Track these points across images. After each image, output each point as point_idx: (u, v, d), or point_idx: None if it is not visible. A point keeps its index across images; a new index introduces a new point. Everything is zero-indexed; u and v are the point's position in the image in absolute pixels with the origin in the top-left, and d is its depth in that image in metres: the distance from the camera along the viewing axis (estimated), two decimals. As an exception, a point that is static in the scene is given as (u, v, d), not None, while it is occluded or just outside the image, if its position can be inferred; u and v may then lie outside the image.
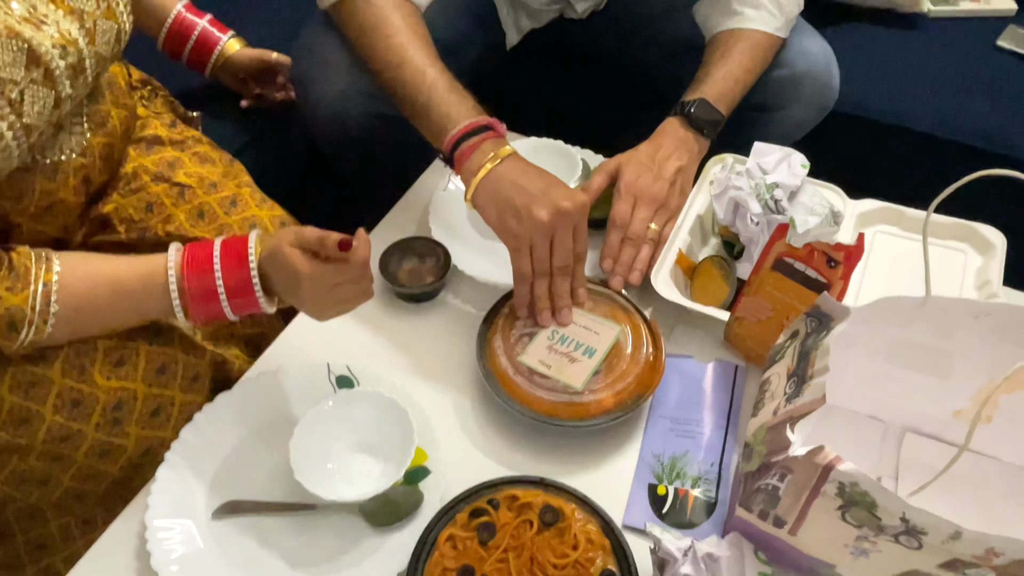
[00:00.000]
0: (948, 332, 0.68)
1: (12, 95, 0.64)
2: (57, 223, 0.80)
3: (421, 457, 0.74)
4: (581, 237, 0.81)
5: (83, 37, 0.70)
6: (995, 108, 1.23)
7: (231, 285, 0.72)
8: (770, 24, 1.01)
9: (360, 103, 0.99)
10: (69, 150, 0.76)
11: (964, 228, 0.92)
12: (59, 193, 0.76)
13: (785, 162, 0.88)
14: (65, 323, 0.69)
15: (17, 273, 0.67)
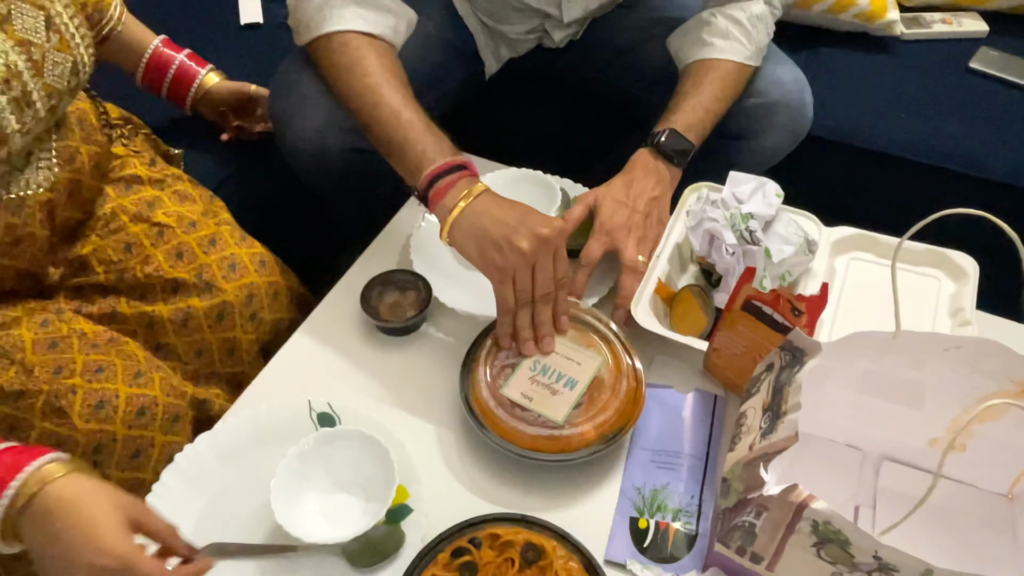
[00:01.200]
0: (920, 364, 0.69)
1: None
2: (25, 256, 0.79)
3: (403, 495, 0.75)
4: (561, 262, 0.81)
5: (29, 70, 0.70)
6: (968, 130, 1.24)
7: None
8: (740, 54, 1.03)
9: (339, 138, 0.99)
10: (36, 185, 0.76)
11: (937, 255, 0.93)
12: (26, 227, 0.76)
13: (760, 191, 0.90)
14: None
15: (13, 325, 0.64)
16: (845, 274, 0.94)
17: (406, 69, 1.06)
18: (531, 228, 0.78)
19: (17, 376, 0.75)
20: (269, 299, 0.93)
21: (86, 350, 0.79)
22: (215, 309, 0.88)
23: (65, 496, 0.58)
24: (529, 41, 1.20)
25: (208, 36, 1.27)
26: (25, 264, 0.80)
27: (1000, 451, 0.71)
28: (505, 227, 0.79)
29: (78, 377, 0.77)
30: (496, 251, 0.79)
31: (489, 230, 0.80)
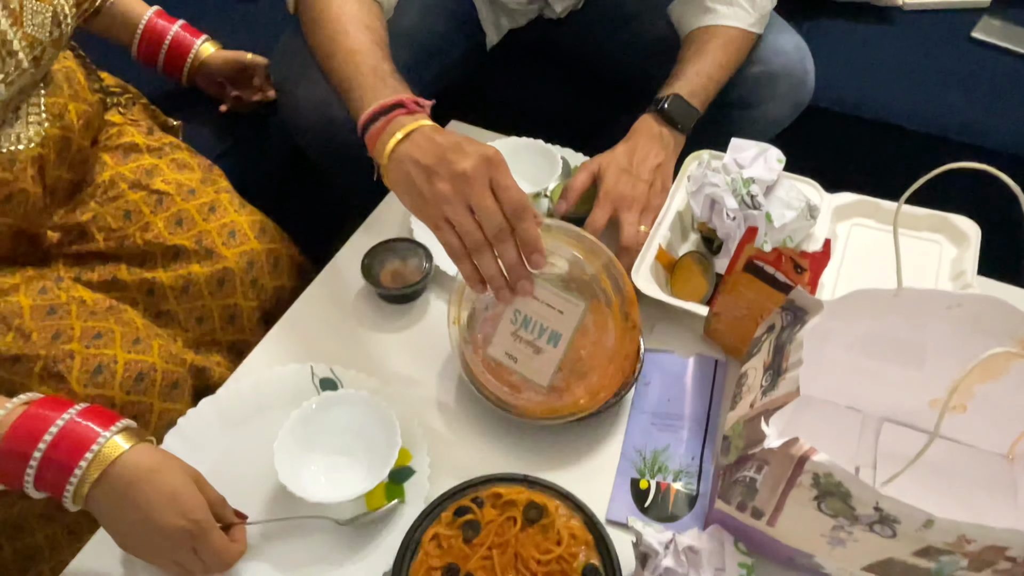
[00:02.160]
0: (921, 324, 0.69)
1: None
2: (18, 213, 0.78)
3: (405, 457, 0.75)
4: (507, 190, 0.68)
5: (7, 18, 0.68)
6: (970, 100, 1.24)
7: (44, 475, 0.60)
8: (743, 20, 1.02)
9: (344, 108, 0.99)
10: (27, 139, 0.75)
11: (939, 219, 0.93)
12: (17, 183, 0.75)
13: (761, 157, 0.89)
14: None
15: (11, 292, 0.65)
16: (847, 240, 0.94)
17: (410, 38, 1.05)
18: (468, 149, 0.68)
19: (15, 341, 0.75)
20: (270, 266, 0.93)
21: (84, 317, 0.79)
22: (216, 275, 0.88)
23: (144, 465, 0.61)
24: (530, 11, 1.19)
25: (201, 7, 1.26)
26: (19, 221, 0.79)
27: (1000, 411, 0.71)
28: (437, 150, 0.69)
29: (76, 343, 0.77)
30: (426, 181, 0.69)
31: (419, 159, 0.70)
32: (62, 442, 0.60)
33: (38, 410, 0.61)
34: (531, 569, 0.65)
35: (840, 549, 0.60)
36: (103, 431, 0.61)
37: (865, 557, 0.60)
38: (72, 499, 0.61)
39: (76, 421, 0.61)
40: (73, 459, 0.60)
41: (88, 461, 0.60)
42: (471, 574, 0.65)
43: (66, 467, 0.60)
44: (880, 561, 0.60)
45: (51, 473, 0.60)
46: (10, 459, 0.60)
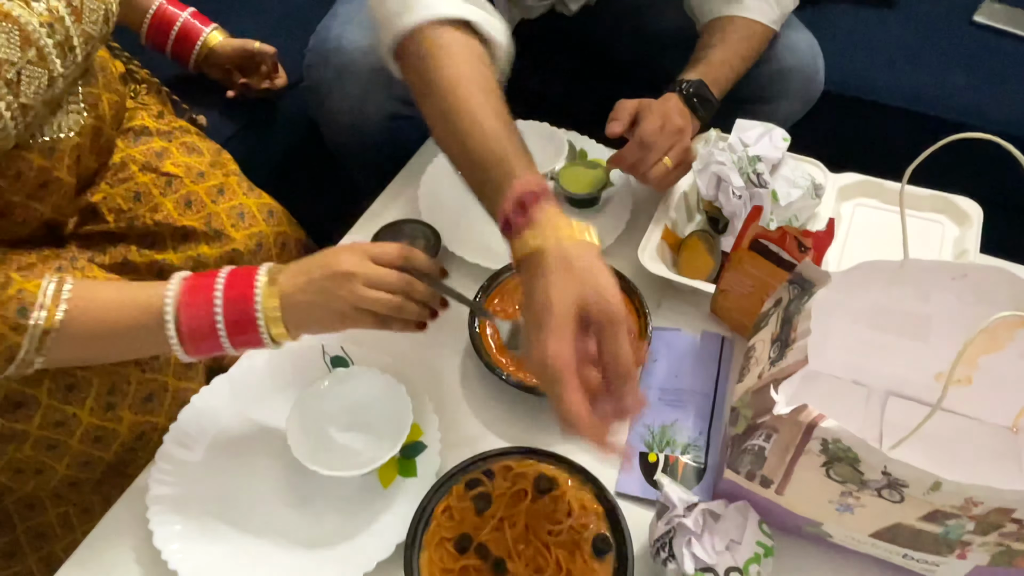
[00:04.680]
0: (926, 295, 0.70)
1: (9, 75, 0.65)
2: (51, 201, 0.79)
3: (417, 433, 0.76)
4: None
5: (69, 15, 0.70)
6: (972, 82, 1.25)
7: (233, 320, 0.66)
8: (767, 16, 1.03)
9: (378, 107, 1.00)
10: (68, 129, 0.77)
11: (941, 200, 0.93)
12: (54, 171, 0.77)
13: (767, 136, 0.90)
14: (73, 322, 0.65)
15: (32, 270, 0.67)
16: (851, 219, 0.95)
17: None
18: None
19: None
20: (278, 249, 0.94)
21: None
22: (225, 257, 0.89)
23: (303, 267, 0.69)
24: (542, 7, 1.19)
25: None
26: (49, 211, 0.81)
27: (1005, 384, 0.72)
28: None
29: None
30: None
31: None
32: (232, 283, 0.67)
33: (197, 279, 0.68)
34: (542, 539, 0.66)
35: (848, 516, 0.61)
36: (256, 272, 0.68)
37: (873, 523, 0.61)
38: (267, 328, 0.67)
39: (232, 274, 0.68)
40: (248, 290, 0.66)
41: (260, 289, 0.66)
42: (483, 544, 0.66)
43: (247, 295, 0.66)
44: (887, 527, 0.60)
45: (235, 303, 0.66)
46: (196, 315, 0.66)
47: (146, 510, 0.70)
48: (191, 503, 0.72)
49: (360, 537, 0.70)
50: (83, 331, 0.67)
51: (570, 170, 1.00)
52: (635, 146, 0.89)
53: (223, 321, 0.66)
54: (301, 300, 0.67)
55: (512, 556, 0.65)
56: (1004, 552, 0.58)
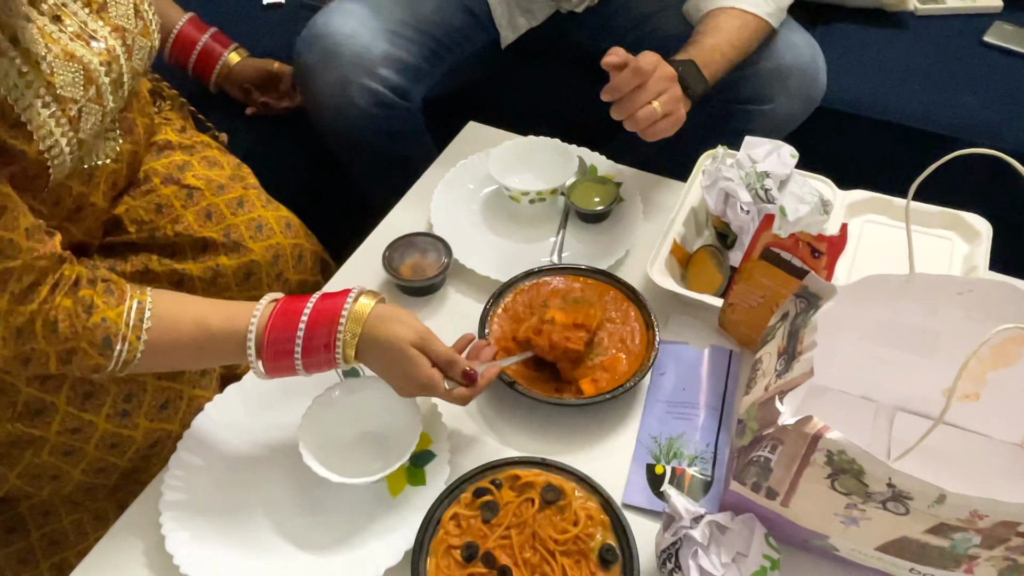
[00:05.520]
0: (933, 310, 0.70)
1: (72, 113, 0.69)
2: (85, 225, 0.83)
3: (426, 441, 0.77)
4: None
5: (124, 53, 0.75)
6: (982, 102, 1.25)
7: (310, 347, 0.70)
8: (761, 8, 1.04)
9: (362, 92, 1.03)
10: (105, 156, 0.80)
11: (950, 216, 0.94)
12: (90, 197, 0.80)
13: (775, 153, 0.91)
14: (154, 346, 0.70)
15: (114, 292, 0.69)
16: (859, 236, 0.95)
17: (429, 27, 1.07)
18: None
19: None
20: (294, 260, 0.96)
21: None
22: (243, 268, 0.91)
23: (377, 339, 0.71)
24: (546, 6, 1.21)
25: (232, 14, 1.30)
26: (82, 234, 0.84)
27: (1014, 400, 0.72)
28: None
29: None
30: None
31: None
32: (318, 315, 0.70)
33: (287, 303, 0.72)
34: (548, 548, 0.66)
35: (854, 528, 0.61)
36: (347, 298, 0.71)
37: (879, 536, 0.61)
38: (343, 354, 0.70)
39: (321, 299, 0.72)
40: (334, 322, 0.70)
41: (345, 318, 0.70)
42: (490, 552, 0.66)
43: (329, 329, 0.70)
44: (894, 540, 0.60)
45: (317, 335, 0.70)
46: (278, 339, 0.70)
47: (159, 515, 0.71)
48: (203, 509, 0.73)
49: (369, 544, 0.71)
50: (162, 356, 0.71)
51: (581, 185, 1.02)
52: (630, 73, 0.87)
53: (302, 336, 0.70)
54: (370, 365, 0.73)
55: (518, 565, 0.65)
56: (1011, 567, 0.58)
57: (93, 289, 0.69)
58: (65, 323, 0.67)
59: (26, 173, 0.69)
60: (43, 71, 0.67)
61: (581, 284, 0.89)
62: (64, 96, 0.68)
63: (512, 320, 0.86)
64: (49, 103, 0.67)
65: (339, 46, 1.02)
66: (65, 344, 0.67)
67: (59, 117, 0.68)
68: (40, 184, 0.71)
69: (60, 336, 0.67)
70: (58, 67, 0.68)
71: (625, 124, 0.91)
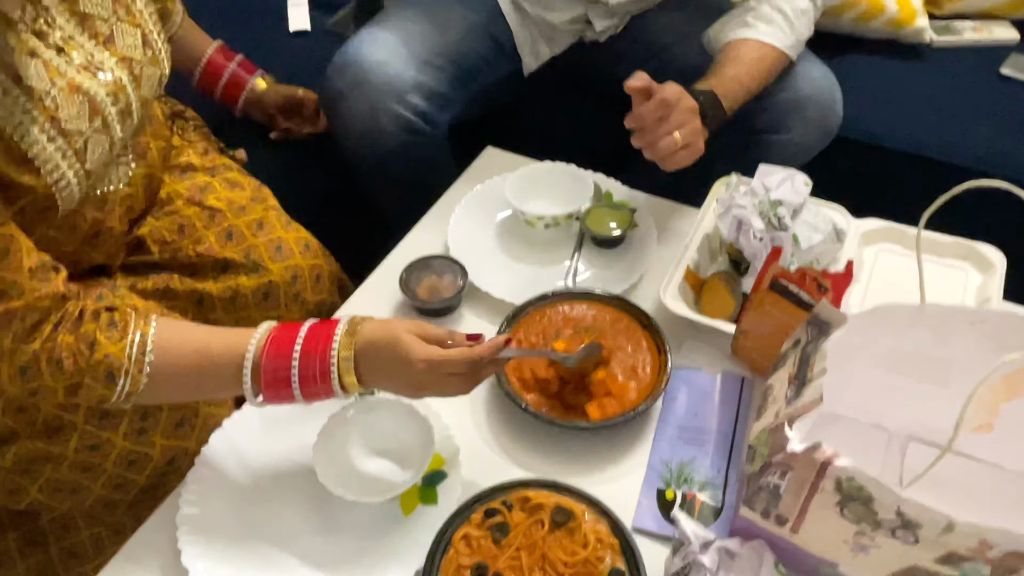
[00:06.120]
0: (945, 340, 0.70)
1: (78, 145, 0.71)
2: (103, 248, 0.85)
3: (438, 462, 0.78)
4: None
5: (131, 83, 0.77)
6: (999, 133, 1.25)
7: (306, 374, 0.70)
8: (781, 40, 1.06)
9: (390, 118, 1.05)
10: (117, 180, 0.82)
11: (964, 247, 0.94)
12: (107, 221, 0.82)
13: (789, 181, 0.92)
14: (156, 378, 0.70)
15: (117, 325, 0.70)
16: (873, 264, 0.96)
17: (456, 55, 1.10)
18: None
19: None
20: (312, 281, 0.98)
21: None
22: (262, 288, 0.93)
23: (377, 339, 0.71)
24: (570, 33, 1.24)
25: (259, 41, 1.34)
26: (101, 257, 0.87)
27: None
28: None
29: None
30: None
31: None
32: (312, 339, 0.70)
33: (282, 331, 0.72)
34: (558, 571, 0.67)
35: (863, 556, 0.61)
36: (335, 329, 0.71)
37: (889, 565, 0.61)
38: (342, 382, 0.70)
39: (313, 327, 0.72)
40: (327, 346, 0.70)
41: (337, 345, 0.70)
42: (499, 573, 0.67)
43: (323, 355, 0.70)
44: (904, 569, 0.60)
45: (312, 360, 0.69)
46: (275, 364, 0.70)
47: (175, 530, 0.73)
48: (218, 525, 0.74)
49: (380, 562, 0.71)
50: (165, 387, 0.71)
51: (596, 211, 1.03)
52: (655, 105, 0.89)
53: (297, 369, 0.69)
54: (375, 382, 0.72)
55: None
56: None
57: (96, 323, 0.69)
58: (69, 360, 0.67)
59: (36, 206, 0.70)
60: (48, 106, 0.68)
61: (594, 310, 0.90)
62: (69, 129, 0.69)
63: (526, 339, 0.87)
64: (55, 137, 0.69)
65: (369, 73, 1.05)
66: (70, 380, 0.68)
67: (65, 150, 0.69)
68: (50, 215, 0.73)
69: (65, 373, 0.67)
70: (63, 101, 0.69)
71: (645, 153, 0.93)
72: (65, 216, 0.76)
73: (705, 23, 1.14)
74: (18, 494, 0.78)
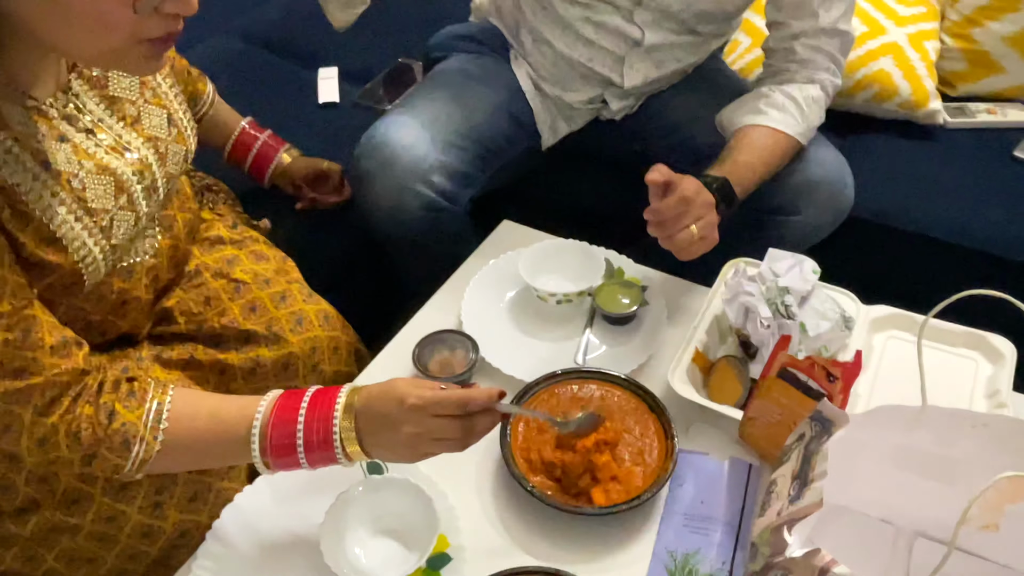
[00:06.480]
0: (950, 440, 0.71)
1: (103, 223, 0.74)
2: (130, 317, 0.88)
3: (443, 544, 0.78)
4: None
5: (156, 161, 0.81)
6: (1013, 216, 1.26)
7: (310, 439, 0.72)
8: (793, 128, 1.09)
9: (415, 197, 1.10)
10: (144, 253, 0.85)
11: (975, 337, 0.94)
12: (132, 291, 0.85)
13: (797, 268, 0.94)
14: (169, 444, 0.72)
15: (136, 395, 0.73)
16: (883, 352, 0.96)
17: (479, 136, 1.16)
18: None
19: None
20: (330, 352, 1.00)
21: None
22: (281, 360, 0.95)
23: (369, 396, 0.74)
24: (587, 112, 1.28)
25: (289, 112, 1.40)
26: (128, 325, 0.90)
27: (1035, 533, 0.71)
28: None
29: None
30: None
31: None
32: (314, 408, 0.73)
33: (287, 399, 0.74)
34: (558, 663, 0.67)
35: (865, 664, 0.61)
36: (338, 394, 0.74)
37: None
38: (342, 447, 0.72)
39: (315, 394, 0.74)
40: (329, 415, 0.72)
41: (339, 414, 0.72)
42: (500, 664, 0.67)
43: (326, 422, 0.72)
44: None
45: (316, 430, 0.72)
46: (281, 434, 0.72)
47: (185, 602, 0.74)
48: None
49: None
50: (177, 454, 0.74)
51: (607, 288, 1.05)
52: (676, 201, 0.92)
53: (302, 439, 0.72)
54: (375, 440, 0.73)
55: None
56: None
57: (116, 393, 0.72)
58: (88, 431, 0.70)
59: (62, 282, 0.74)
60: (75, 188, 0.72)
61: (602, 391, 0.91)
62: (95, 208, 0.73)
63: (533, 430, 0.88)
64: (81, 216, 0.72)
65: (396, 156, 1.10)
66: (88, 450, 0.70)
67: (91, 228, 0.73)
68: (76, 290, 0.76)
69: (83, 444, 0.70)
70: (90, 182, 0.73)
71: (661, 243, 0.96)
72: (92, 288, 0.79)
73: (717, 105, 1.17)
74: (35, 562, 0.80)
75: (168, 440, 0.72)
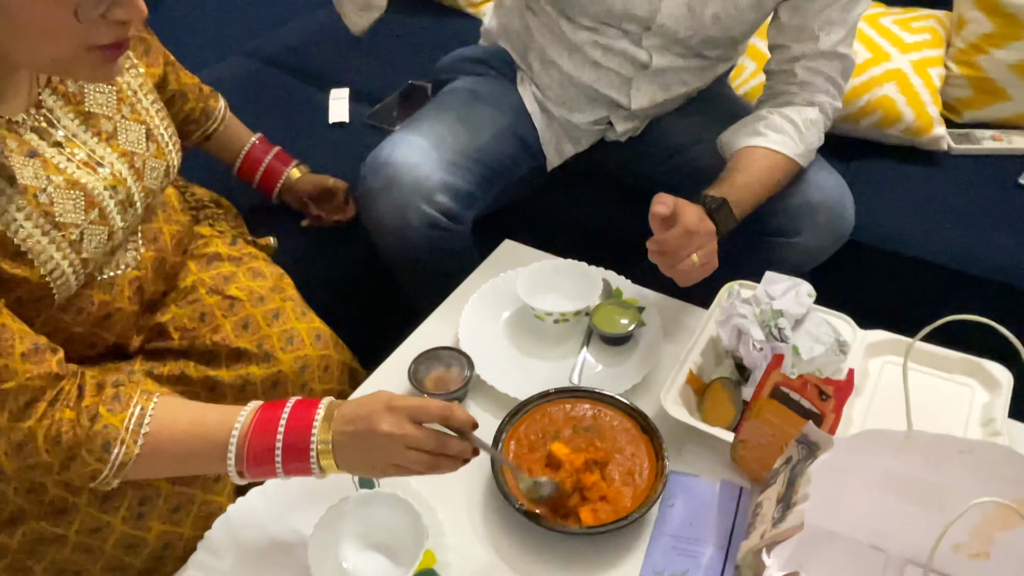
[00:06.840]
0: (938, 466, 0.70)
1: (73, 236, 0.75)
2: (115, 330, 0.89)
3: (430, 560, 0.79)
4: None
5: (132, 176, 0.81)
6: (1017, 243, 1.25)
7: (289, 444, 0.72)
8: (791, 149, 1.09)
9: (419, 216, 1.12)
10: (125, 265, 0.86)
11: (971, 364, 0.94)
12: (115, 303, 0.86)
13: (793, 291, 0.94)
14: (148, 448, 0.73)
15: (121, 399, 0.74)
16: (879, 377, 0.96)
17: (484, 156, 1.18)
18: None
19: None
20: (320, 371, 1.01)
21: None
22: (271, 378, 0.96)
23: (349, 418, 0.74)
24: (593, 133, 1.30)
25: (299, 132, 1.43)
26: (114, 337, 0.91)
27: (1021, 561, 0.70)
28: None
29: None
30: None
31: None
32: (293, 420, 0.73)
33: (266, 410, 0.75)
34: None
35: None
36: (317, 407, 0.74)
37: None
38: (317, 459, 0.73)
39: (296, 405, 0.75)
40: (308, 425, 0.73)
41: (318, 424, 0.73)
42: None
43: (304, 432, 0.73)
44: None
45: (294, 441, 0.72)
46: (260, 442, 0.73)
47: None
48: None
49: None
50: (155, 459, 0.74)
51: (605, 309, 1.06)
52: (680, 233, 0.93)
53: (281, 447, 0.72)
54: (348, 448, 0.73)
55: None
56: None
57: (99, 396, 0.73)
58: (68, 434, 0.70)
59: (31, 295, 0.74)
60: (42, 203, 0.72)
61: (595, 410, 0.92)
62: (64, 222, 0.73)
63: (524, 447, 0.88)
64: (48, 230, 0.73)
65: (401, 175, 1.12)
66: (67, 453, 0.71)
67: (60, 242, 0.74)
68: (46, 303, 0.76)
69: (63, 447, 0.70)
70: (58, 196, 0.73)
71: (662, 269, 0.97)
72: (70, 300, 0.79)
73: (721, 128, 1.18)
74: (24, 574, 0.81)
75: (148, 444, 0.72)
